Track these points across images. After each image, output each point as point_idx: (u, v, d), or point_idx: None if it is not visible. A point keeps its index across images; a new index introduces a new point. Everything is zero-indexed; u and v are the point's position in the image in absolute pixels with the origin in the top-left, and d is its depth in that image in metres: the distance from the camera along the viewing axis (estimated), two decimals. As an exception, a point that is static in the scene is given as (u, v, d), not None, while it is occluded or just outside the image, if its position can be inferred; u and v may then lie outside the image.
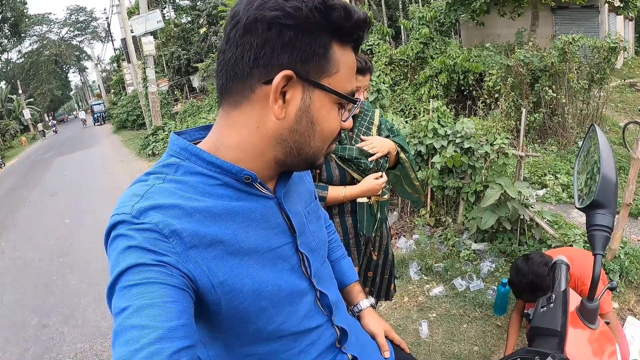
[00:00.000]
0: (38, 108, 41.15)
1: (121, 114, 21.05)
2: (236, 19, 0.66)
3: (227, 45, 0.67)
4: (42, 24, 40.55)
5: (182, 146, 0.73)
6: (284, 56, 0.65)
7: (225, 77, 0.69)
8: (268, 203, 0.78)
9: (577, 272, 2.00)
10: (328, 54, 0.67)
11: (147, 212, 0.64)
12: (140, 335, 0.55)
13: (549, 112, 6.41)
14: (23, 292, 4.61)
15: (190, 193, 0.69)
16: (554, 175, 5.27)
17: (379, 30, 9.49)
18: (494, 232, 3.60)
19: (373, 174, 1.78)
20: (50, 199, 9.09)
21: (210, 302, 0.70)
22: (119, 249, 0.63)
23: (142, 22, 12.86)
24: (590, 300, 0.87)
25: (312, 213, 0.92)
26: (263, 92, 0.67)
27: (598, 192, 0.83)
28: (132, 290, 0.59)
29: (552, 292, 0.97)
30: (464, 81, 7.69)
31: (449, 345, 2.65)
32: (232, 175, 0.72)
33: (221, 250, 0.70)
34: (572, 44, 6.14)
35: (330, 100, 0.71)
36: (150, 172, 0.72)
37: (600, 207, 0.84)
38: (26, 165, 16.82)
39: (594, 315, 0.87)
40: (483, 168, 3.69)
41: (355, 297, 1.16)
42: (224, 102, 0.72)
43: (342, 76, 0.70)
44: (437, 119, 4.01)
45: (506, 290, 2.76)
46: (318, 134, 0.72)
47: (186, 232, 0.66)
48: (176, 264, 0.64)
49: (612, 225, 0.84)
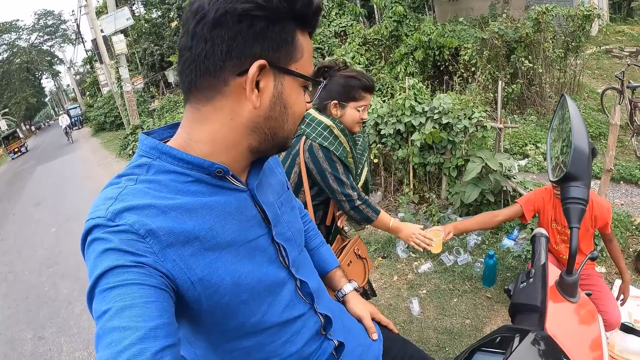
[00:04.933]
0: (14, 118, 40.21)
1: (98, 116, 20.59)
2: (201, 14, 0.65)
3: (193, 41, 0.67)
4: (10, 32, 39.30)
5: (152, 145, 0.73)
6: (257, 47, 0.67)
7: (194, 74, 0.69)
8: (241, 196, 0.79)
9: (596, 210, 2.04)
10: (295, 41, 0.70)
11: (122, 214, 0.64)
12: (123, 337, 0.56)
13: (527, 82, 6.45)
14: (16, 306, 4.55)
15: (164, 192, 0.70)
16: (534, 145, 5.33)
17: (352, 11, 9.41)
18: (478, 205, 3.64)
19: (419, 225, 1.84)
20: (35, 209, 8.93)
21: (190, 299, 0.70)
22: (96, 252, 0.63)
23: (111, 21, 12.52)
24: (569, 274, 0.86)
25: (286, 203, 0.92)
26: (237, 83, 0.68)
27: (570, 164, 0.82)
28: (112, 292, 0.59)
29: (532, 266, 0.97)
30: (439, 57, 7.67)
31: (441, 320, 2.69)
32: (204, 170, 0.73)
33: (198, 246, 0.70)
34: (545, 13, 6.16)
35: (298, 84, 0.74)
36: (122, 174, 0.72)
37: (573, 180, 0.83)
38: (7, 177, 16.47)
39: (573, 288, 0.86)
40: (463, 142, 3.72)
41: (338, 282, 1.17)
42: (192, 98, 0.72)
43: (306, 60, 0.73)
44: (414, 97, 4.02)
45: (494, 261, 2.82)
46: (291, 118, 0.75)
47: (162, 230, 0.66)
48: (154, 264, 0.64)
49: (586, 198, 0.83)
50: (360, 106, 1.71)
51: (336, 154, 1.67)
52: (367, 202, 1.74)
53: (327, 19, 9.48)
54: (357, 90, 1.69)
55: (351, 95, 1.70)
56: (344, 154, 1.70)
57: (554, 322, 0.81)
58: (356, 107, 1.71)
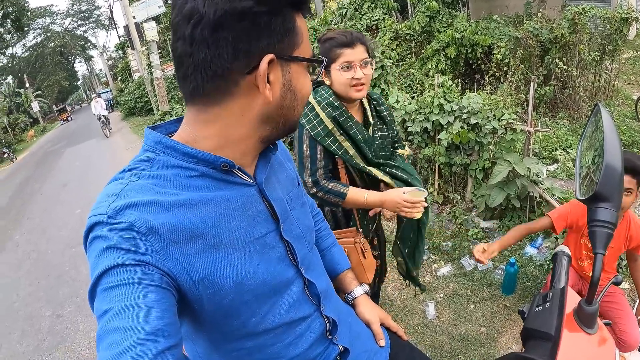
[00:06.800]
0: (46, 100, 41.46)
1: (129, 100, 20.95)
2: (197, 17, 0.61)
3: (193, 47, 0.63)
4: (44, 17, 40.36)
5: (156, 139, 0.71)
6: (263, 42, 0.65)
7: (199, 79, 0.65)
8: (249, 191, 0.76)
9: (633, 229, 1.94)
10: (295, 27, 0.69)
11: (123, 211, 0.63)
12: (123, 338, 0.55)
13: (560, 85, 6.23)
14: (37, 284, 4.69)
15: (167, 188, 0.68)
16: (565, 150, 5.15)
17: (384, 5, 9.25)
18: (503, 209, 3.54)
19: (402, 188, 1.61)
20: (62, 190, 9.18)
21: (192, 299, 0.68)
22: (97, 250, 0.61)
23: (143, 8, 12.71)
24: (589, 303, 0.78)
25: (295, 199, 0.89)
26: (247, 82, 0.66)
27: (600, 184, 0.74)
28: (113, 291, 0.58)
29: (550, 288, 0.89)
30: (472, 55, 7.48)
31: (456, 326, 2.62)
32: (209, 164, 0.70)
33: (202, 244, 0.68)
34: (582, 14, 5.94)
35: (302, 67, 0.73)
36: (126, 169, 0.71)
37: (603, 200, 0.75)
38: (37, 158, 17.00)
39: (592, 319, 0.78)
40: (491, 144, 3.61)
41: (349, 284, 1.14)
42: (197, 102, 0.69)
43: (306, 43, 0.72)
44: (443, 95, 3.91)
45: (515, 270, 2.72)
46: (300, 102, 0.75)
47: (164, 228, 0.64)
48: (155, 263, 0.62)
49: (615, 221, 0.75)
50: (340, 65, 1.56)
51: (311, 133, 1.59)
52: (325, 189, 1.60)
53: (359, 12, 9.36)
54: (333, 50, 1.57)
55: (330, 57, 1.58)
56: (323, 133, 1.60)
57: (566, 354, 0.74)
58: (337, 67, 1.57)
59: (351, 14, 9.27)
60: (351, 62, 1.56)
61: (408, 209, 1.55)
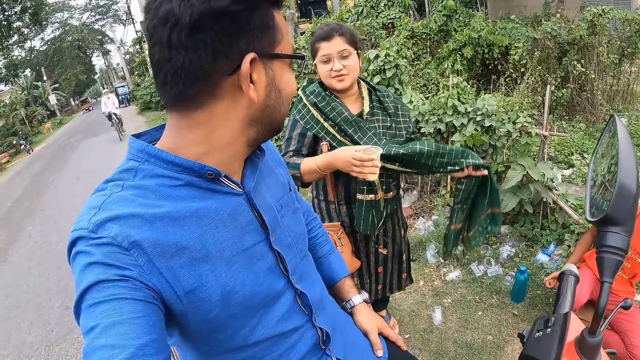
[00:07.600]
0: (64, 93, 42.06)
1: (145, 95, 21.13)
2: (173, 20, 0.59)
3: (170, 51, 0.60)
4: (62, 11, 40.80)
5: (140, 148, 0.68)
6: (242, 41, 0.62)
7: (180, 84, 0.63)
8: (236, 200, 0.73)
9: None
10: (274, 23, 0.67)
11: (105, 225, 0.61)
12: (110, 356, 0.53)
13: (578, 87, 6.10)
14: (48, 275, 4.74)
15: (151, 199, 0.65)
16: (580, 154, 5.03)
17: (401, 3, 9.15)
18: (515, 214, 3.46)
19: (356, 147, 1.49)
20: (75, 183, 9.28)
21: (177, 313, 0.67)
22: (80, 265, 0.60)
23: (159, 3, 12.80)
24: (592, 334, 0.72)
25: (286, 206, 0.86)
26: (229, 83, 0.64)
27: (612, 205, 0.68)
28: (99, 308, 0.57)
29: (553, 312, 0.84)
30: (489, 55, 7.35)
31: (462, 333, 2.57)
32: (194, 172, 0.67)
33: (188, 257, 0.65)
34: (601, 16, 5.79)
35: (285, 64, 0.71)
36: (110, 180, 0.69)
37: (614, 224, 0.69)
38: (53, 150, 17.25)
39: (594, 351, 0.73)
40: (505, 147, 3.53)
41: (347, 293, 1.11)
42: (180, 108, 0.66)
43: (286, 39, 0.70)
44: (457, 96, 3.84)
45: (525, 277, 2.65)
46: (285, 100, 0.73)
47: (147, 242, 0.62)
48: (139, 277, 0.61)
49: (626, 248, 0.69)
50: (319, 58, 1.64)
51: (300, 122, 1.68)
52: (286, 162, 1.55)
53: (375, 10, 9.27)
54: (314, 45, 1.65)
55: (313, 52, 1.68)
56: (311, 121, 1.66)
57: None
58: (317, 61, 1.65)
59: (367, 12, 9.19)
60: (328, 54, 1.61)
61: (358, 167, 1.43)
